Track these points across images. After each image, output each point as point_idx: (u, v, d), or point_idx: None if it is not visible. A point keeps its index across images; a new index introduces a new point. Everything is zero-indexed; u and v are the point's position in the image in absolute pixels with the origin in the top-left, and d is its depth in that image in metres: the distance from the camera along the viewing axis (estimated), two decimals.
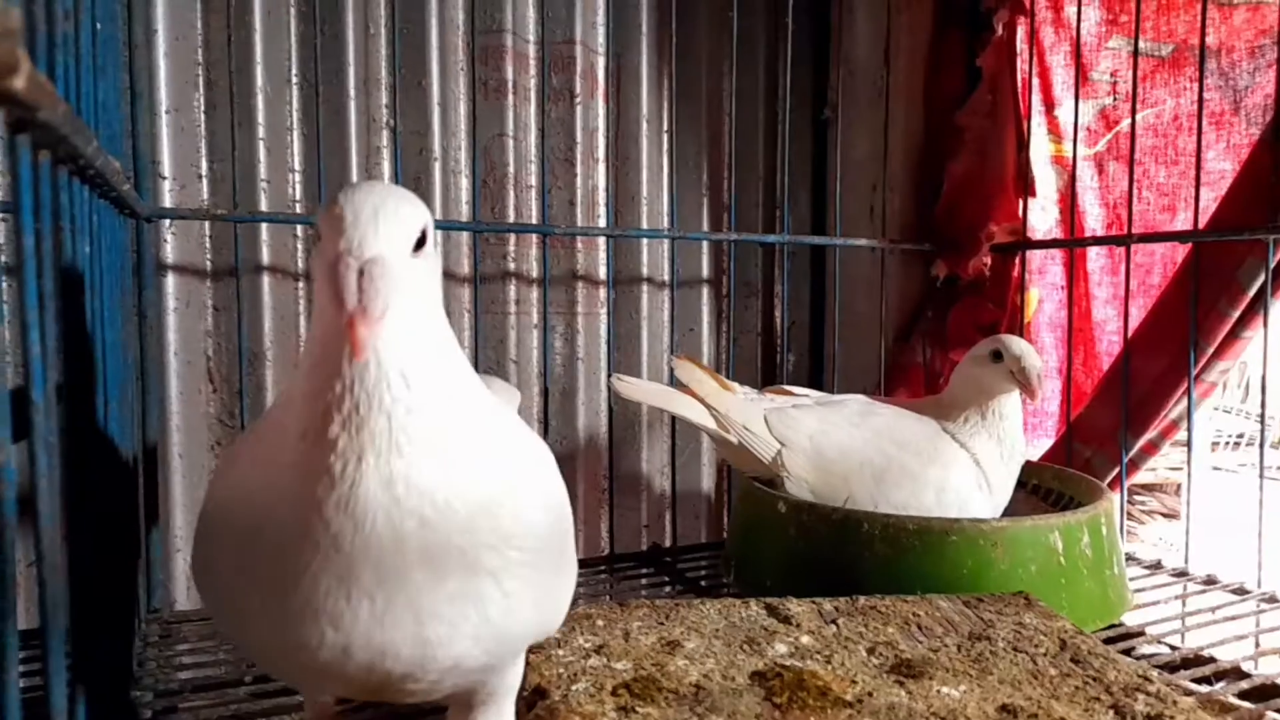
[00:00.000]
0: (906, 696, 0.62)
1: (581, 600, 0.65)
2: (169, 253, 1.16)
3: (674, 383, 1.12)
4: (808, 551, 0.96)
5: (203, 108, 1.17)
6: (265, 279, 1.21)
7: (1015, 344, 1.05)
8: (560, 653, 0.69)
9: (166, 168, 1.15)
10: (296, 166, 1.22)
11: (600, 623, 0.75)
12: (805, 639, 0.72)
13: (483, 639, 0.47)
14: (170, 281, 1.16)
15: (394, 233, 0.43)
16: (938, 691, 0.63)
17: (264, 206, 1.20)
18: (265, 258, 1.21)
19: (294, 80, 1.21)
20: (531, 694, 0.62)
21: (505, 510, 0.47)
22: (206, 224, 1.17)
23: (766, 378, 1.56)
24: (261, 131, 1.20)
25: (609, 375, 1.28)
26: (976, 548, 0.90)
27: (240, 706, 0.78)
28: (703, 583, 1.17)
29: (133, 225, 0.99)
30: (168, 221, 1.15)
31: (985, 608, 0.80)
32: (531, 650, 0.66)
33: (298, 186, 1.22)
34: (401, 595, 0.43)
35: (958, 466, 1.04)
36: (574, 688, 0.63)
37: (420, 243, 0.45)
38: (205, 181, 1.17)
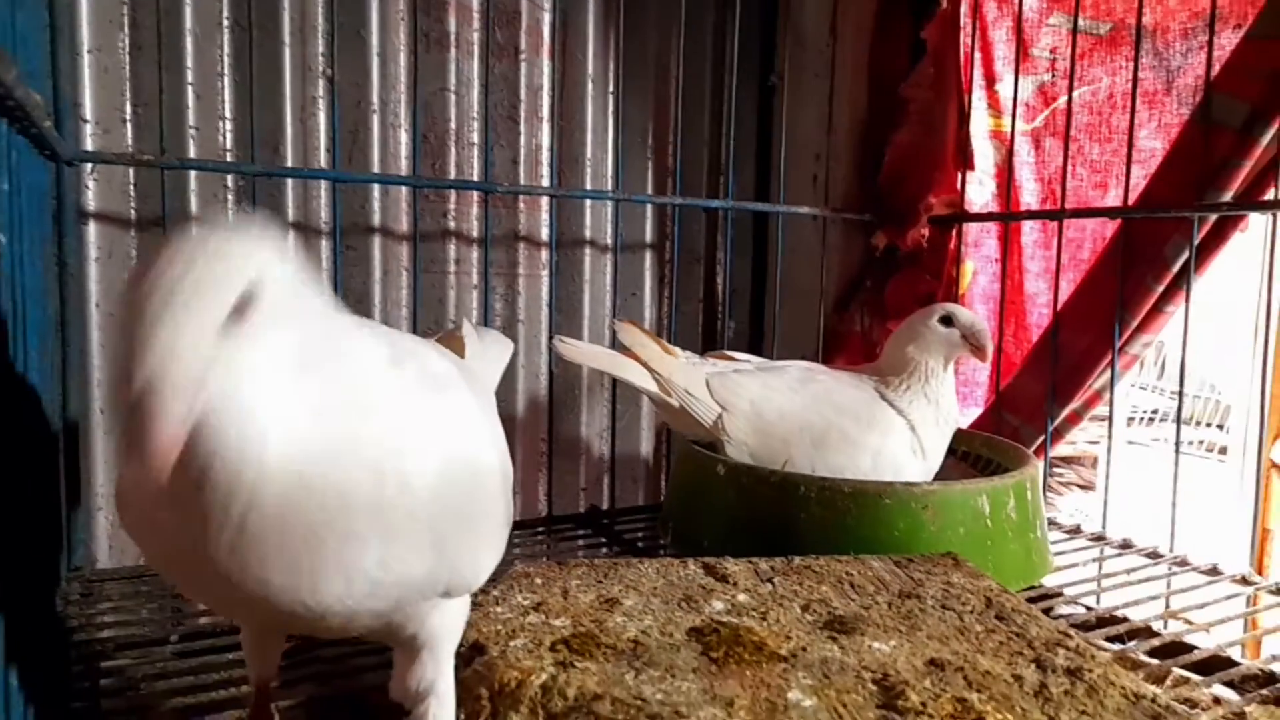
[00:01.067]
0: (839, 651, 0.63)
1: (519, 561, 0.65)
2: (90, 200, 1.10)
3: (616, 346, 1.12)
4: (746, 513, 0.98)
5: (127, 49, 1.11)
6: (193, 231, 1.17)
7: (963, 310, 1.10)
8: (499, 610, 0.69)
9: (88, 111, 1.09)
10: (227, 114, 1.17)
11: (539, 581, 0.75)
12: (742, 597, 0.74)
13: (380, 596, 0.48)
14: (92, 230, 1.11)
15: (185, 333, 0.37)
16: (869, 646, 0.65)
17: (193, 155, 1.15)
18: (194, 207, 1.16)
19: (225, 23, 1.16)
20: (470, 649, 0.62)
21: (384, 479, 0.46)
22: (131, 171, 1.12)
23: (708, 343, 1.56)
24: (190, 76, 1.14)
25: (550, 338, 1.27)
26: (908, 510, 0.92)
27: (166, 665, 0.76)
28: (640, 544, 1.17)
29: (53, 169, 0.95)
30: (90, 166, 1.09)
31: (915, 567, 0.82)
32: (471, 608, 0.66)
33: (229, 135, 1.17)
34: (280, 564, 0.44)
35: (894, 433, 1.07)
36: (512, 644, 0.63)
37: (246, 304, 0.40)
38: (130, 126, 1.12)
